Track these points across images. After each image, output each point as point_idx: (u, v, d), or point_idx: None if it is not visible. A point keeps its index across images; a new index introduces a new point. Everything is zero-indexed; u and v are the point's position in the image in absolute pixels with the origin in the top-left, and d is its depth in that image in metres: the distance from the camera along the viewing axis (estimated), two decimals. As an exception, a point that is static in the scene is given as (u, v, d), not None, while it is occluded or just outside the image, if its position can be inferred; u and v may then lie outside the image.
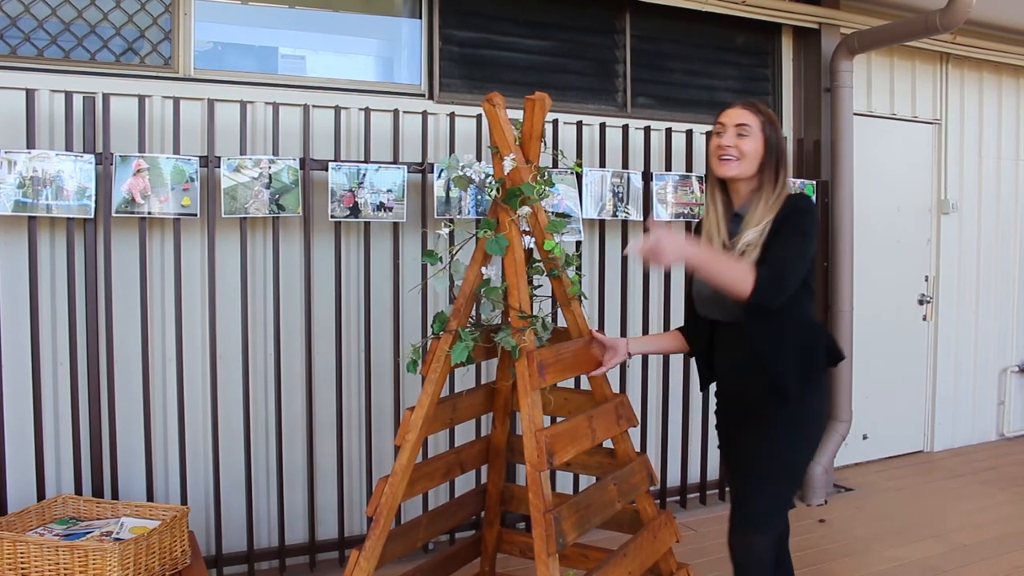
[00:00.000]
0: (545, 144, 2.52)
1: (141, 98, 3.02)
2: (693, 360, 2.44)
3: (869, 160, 4.68)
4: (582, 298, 2.50)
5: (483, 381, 3.52)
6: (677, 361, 4.06)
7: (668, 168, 4.06)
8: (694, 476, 4.19)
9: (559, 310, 2.52)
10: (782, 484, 2.18)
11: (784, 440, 2.16)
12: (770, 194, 2.15)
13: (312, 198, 3.24)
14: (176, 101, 3.06)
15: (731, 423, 2.33)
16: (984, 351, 5.40)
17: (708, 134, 4.03)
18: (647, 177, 3.89)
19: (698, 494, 4.20)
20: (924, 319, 5.14)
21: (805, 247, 2.09)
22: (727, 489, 4.24)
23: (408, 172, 3.35)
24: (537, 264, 2.52)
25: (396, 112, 3.44)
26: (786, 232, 2.08)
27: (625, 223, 3.90)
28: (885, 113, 4.88)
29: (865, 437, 4.90)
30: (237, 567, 3.26)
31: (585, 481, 3.78)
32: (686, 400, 4.09)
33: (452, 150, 3.52)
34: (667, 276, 4.03)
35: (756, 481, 2.20)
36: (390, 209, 3.31)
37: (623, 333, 3.88)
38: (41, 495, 2.90)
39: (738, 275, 2.02)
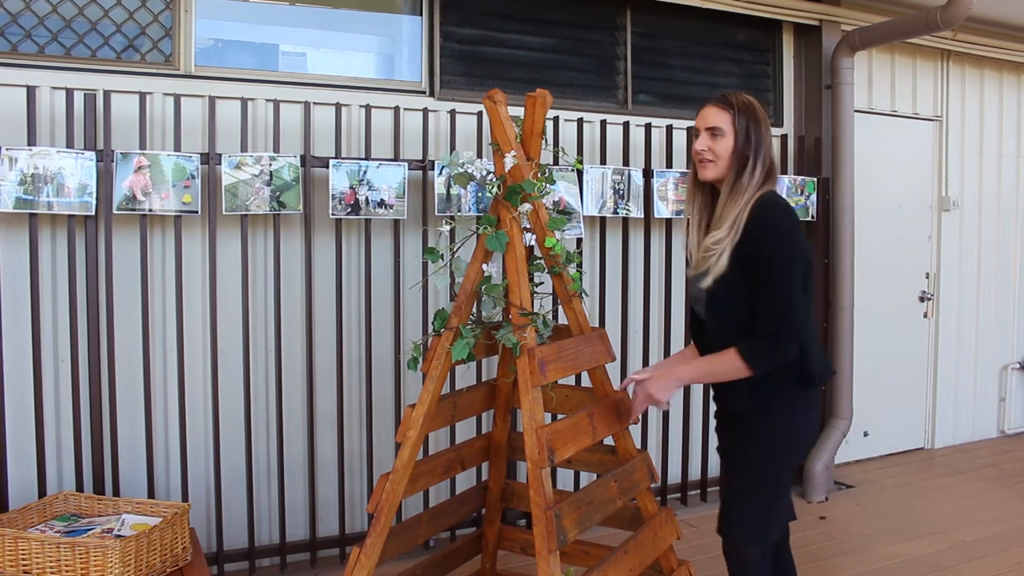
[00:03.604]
0: (546, 141, 2.52)
1: (142, 95, 3.02)
2: None
3: (870, 157, 4.68)
4: (583, 295, 2.50)
5: (484, 378, 3.52)
6: (678, 358, 4.06)
7: (669, 165, 4.06)
8: (695, 473, 4.19)
9: (560, 307, 2.52)
10: (758, 500, 2.12)
11: (757, 455, 2.13)
12: (740, 188, 2.06)
13: (313, 195, 3.24)
14: (177, 98, 3.06)
15: (720, 430, 2.32)
16: (985, 348, 5.40)
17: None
18: (648, 174, 3.89)
19: (699, 491, 4.20)
20: (925, 316, 5.14)
21: (788, 280, 1.98)
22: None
23: (409, 169, 3.35)
24: (538, 261, 2.52)
25: (397, 109, 3.44)
26: (762, 266, 1.99)
27: (626, 220, 3.90)
28: (886, 110, 4.88)
29: (866, 434, 4.90)
30: (238, 564, 3.26)
31: (586, 478, 3.78)
32: (687, 397, 4.09)
33: (453, 147, 3.52)
34: (668, 276, 4.03)
35: (735, 496, 2.18)
36: (391, 206, 3.31)
37: (624, 330, 3.88)
38: (42, 492, 2.90)
39: (729, 367, 2.03)
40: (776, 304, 1.99)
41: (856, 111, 4.43)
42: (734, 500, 2.18)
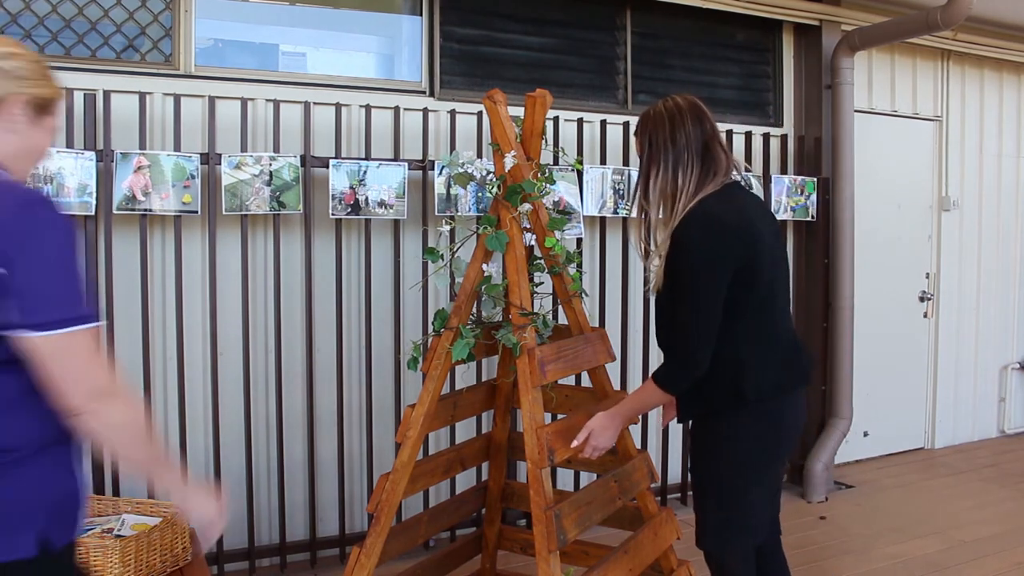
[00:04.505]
0: (546, 141, 2.53)
1: (142, 95, 3.02)
2: None
3: (870, 157, 4.67)
4: (583, 295, 2.50)
5: (484, 378, 3.52)
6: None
7: (669, 165, 4.05)
8: (695, 473, 4.19)
9: (560, 307, 2.52)
10: (717, 507, 2.12)
11: (711, 461, 2.13)
12: (667, 200, 2.04)
13: (313, 195, 3.24)
14: (177, 98, 3.06)
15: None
16: (985, 348, 5.40)
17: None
18: (648, 174, 3.88)
19: (699, 491, 4.19)
20: (925, 316, 5.14)
21: (688, 297, 1.95)
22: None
23: (409, 169, 3.35)
24: (538, 261, 2.52)
25: (397, 109, 3.44)
26: (674, 284, 1.99)
27: (626, 220, 3.89)
28: (886, 110, 4.87)
29: (866, 434, 4.90)
30: (238, 564, 3.26)
31: (586, 478, 3.78)
32: (687, 397, 4.09)
33: (453, 147, 3.52)
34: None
35: (697, 500, 2.21)
36: (391, 206, 3.31)
37: (624, 330, 3.88)
38: (42, 492, 2.90)
39: (654, 395, 2.08)
40: (677, 321, 2.00)
41: (856, 111, 4.43)
42: (698, 503, 2.21)
